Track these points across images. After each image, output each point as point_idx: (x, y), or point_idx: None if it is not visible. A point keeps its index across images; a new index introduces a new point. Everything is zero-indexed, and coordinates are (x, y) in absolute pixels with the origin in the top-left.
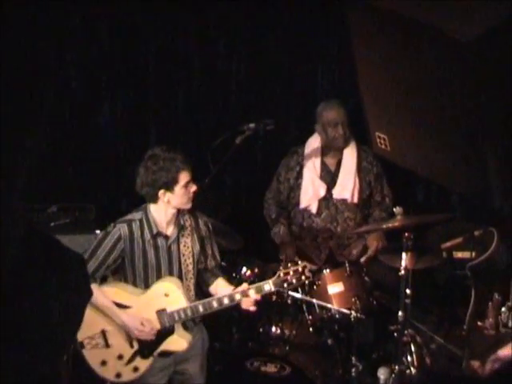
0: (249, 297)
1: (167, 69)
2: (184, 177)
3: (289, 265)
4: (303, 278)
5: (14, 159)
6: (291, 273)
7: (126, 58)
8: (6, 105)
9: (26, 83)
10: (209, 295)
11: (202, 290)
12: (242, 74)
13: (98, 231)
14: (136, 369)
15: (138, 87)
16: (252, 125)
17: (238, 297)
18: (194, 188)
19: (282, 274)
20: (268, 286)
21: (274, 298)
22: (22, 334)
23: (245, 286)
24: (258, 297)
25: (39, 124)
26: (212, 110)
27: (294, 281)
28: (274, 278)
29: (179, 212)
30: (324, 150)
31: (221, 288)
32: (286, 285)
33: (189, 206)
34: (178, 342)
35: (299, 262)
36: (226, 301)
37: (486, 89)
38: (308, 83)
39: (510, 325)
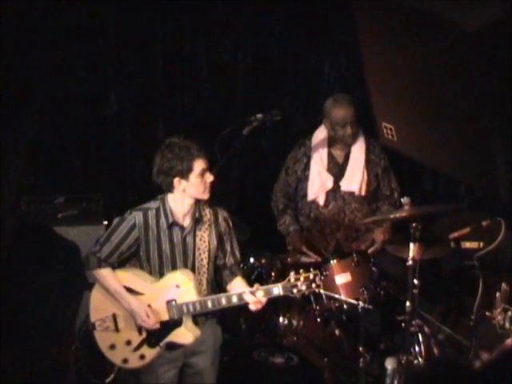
0: (256, 297)
1: (174, 61)
2: (199, 165)
3: (301, 271)
4: (313, 285)
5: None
6: (302, 279)
7: (133, 49)
8: None
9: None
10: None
11: (220, 287)
12: (249, 65)
13: (105, 222)
14: (142, 356)
15: (146, 78)
16: (259, 116)
17: (246, 296)
18: (210, 178)
19: (292, 280)
20: (277, 289)
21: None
22: (19, 327)
23: (256, 286)
24: (265, 299)
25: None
26: (219, 101)
27: (304, 288)
28: (284, 282)
29: (198, 204)
30: (331, 142)
31: (237, 287)
32: (295, 291)
33: (205, 196)
34: (184, 334)
35: (311, 269)
36: (234, 299)
37: (493, 79)
38: (315, 75)
39: (507, 326)
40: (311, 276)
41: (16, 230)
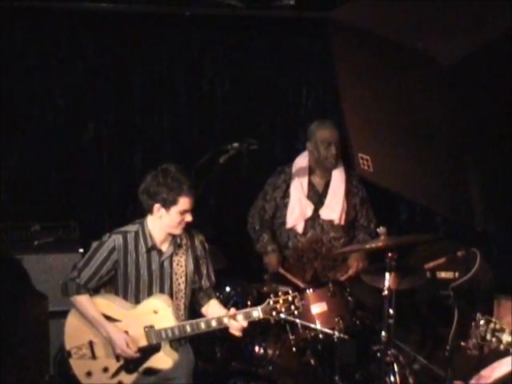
0: (237, 321)
1: (152, 89)
2: (184, 203)
3: (279, 293)
4: (293, 307)
5: None
6: (281, 301)
7: (111, 77)
8: None
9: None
10: (201, 316)
11: (195, 310)
12: (227, 93)
13: (81, 250)
14: (120, 383)
15: (123, 107)
16: (235, 144)
17: (225, 320)
18: (189, 218)
19: (271, 302)
20: (257, 312)
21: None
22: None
23: (233, 310)
24: (246, 323)
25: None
26: (197, 129)
27: (283, 310)
28: (263, 306)
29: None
30: (311, 170)
31: (213, 310)
32: (274, 313)
33: (177, 232)
34: (163, 360)
35: (290, 292)
36: (213, 323)
37: (468, 111)
38: (292, 104)
39: (488, 337)
40: (290, 298)
41: None
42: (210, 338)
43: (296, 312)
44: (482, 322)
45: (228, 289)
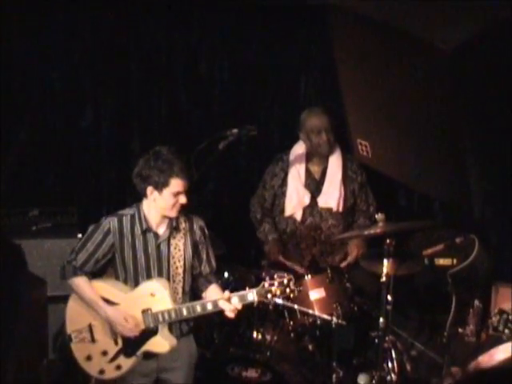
0: (231, 304)
1: (151, 74)
2: (176, 185)
3: (275, 276)
4: (288, 290)
5: None
6: (276, 284)
7: (109, 62)
8: None
9: None
10: None
11: (196, 296)
12: (226, 80)
13: (79, 235)
14: (119, 367)
15: (121, 92)
16: (235, 130)
17: (221, 303)
18: (183, 200)
19: (266, 285)
20: (252, 295)
21: (256, 303)
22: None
23: (227, 293)
24: (240, 306)
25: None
26: (195, 115)
27: (278, 292)
28: (258, 288)
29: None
30: (309, 157)
31: (211, 294)
32: (269, 296)
33: (172, 215)
34: (160, 343)
35: (285, 275)
36: (209, 306)
37: (467, 97)
38: (291, 90)
39: (500, 328)
40: (285, 281)
41: None
42: (208, 323)
43: (291, 295)
44: (494, 312)
45: (226, 274)
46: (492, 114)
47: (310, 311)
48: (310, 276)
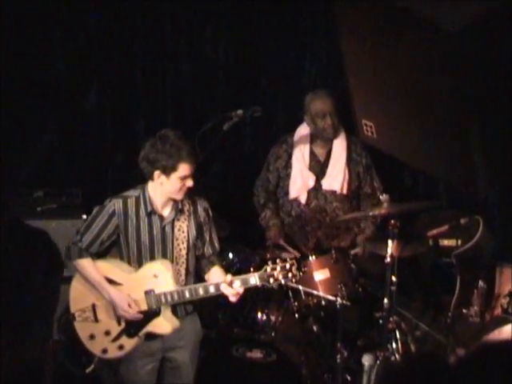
0: (233, 289)
1: (155, 57)
2: (183, 169)
3: (277, 260)
4: (290, 275)
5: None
6: (278, 269)
7: (113, 43)
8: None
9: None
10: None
11: (199, 277)
12: (230, 61)
13: (84, 216)
14: (121, 347)
15: (126, 73)
16: (239, 111)
17: (223, 288)
18: (190, 183)
19: (269, 269)
20: (254, 279)
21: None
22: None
23: (229, 276)
24: (242, 289)
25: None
26: (200, 96)
27: (281, 277)
28: (260, 272)
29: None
30: (313, 139)
31: (213, 276)
32: (271, 280)
33: (179, 197)
34: (163, 325)
35: (288, 259)
36: (211, 289)
37: (473, 78)
38: (296, 71)
39: (510, 310)
40: (288, 266)
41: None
42: (213, 304)
43: (293, 280)
44: (504, 294)
45: (231, 255)
46: (496, 94)
47: (315, 292)
48: (314, 257)
